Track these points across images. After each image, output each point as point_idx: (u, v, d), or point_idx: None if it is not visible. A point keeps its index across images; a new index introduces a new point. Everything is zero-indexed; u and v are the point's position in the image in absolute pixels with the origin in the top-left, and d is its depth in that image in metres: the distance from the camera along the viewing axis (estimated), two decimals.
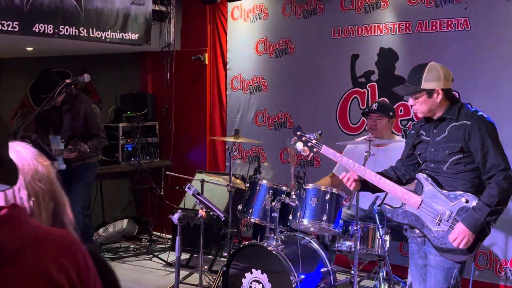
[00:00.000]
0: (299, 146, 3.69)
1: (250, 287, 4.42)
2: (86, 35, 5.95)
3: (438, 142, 3.36)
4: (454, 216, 3.28)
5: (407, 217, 3.43)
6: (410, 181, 3.60)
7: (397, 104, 5.45)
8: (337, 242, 4.52)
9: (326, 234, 4.62)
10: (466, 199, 3.26)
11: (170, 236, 6.83)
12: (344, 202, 4.49)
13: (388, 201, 3.64)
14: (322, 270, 4.47)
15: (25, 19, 5.40)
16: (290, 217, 4.49)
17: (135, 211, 7.43)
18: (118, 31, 6.25)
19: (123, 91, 7.40)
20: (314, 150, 3.65)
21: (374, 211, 4.35)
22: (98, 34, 6.06)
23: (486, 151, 3.22)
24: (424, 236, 3.39)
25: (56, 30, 5.64)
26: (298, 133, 3.70)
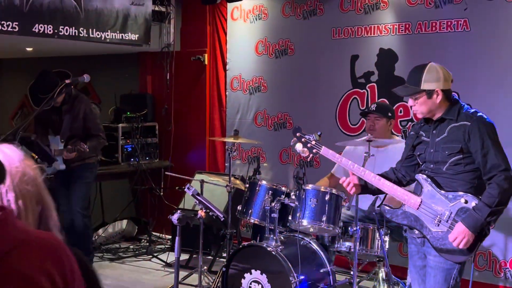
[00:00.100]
0: (299, 147, 3.69)
1: None
2: (86, 36, 5.95)
3: (438, 143, 3.36)
4: (453, 216, 3.28)
5: (407, 217, 3.43)
6: (411, 182, 3.59)
7: (396, 104, 5.45)
8: (336, 242, 4.52)
9: (325, 234, 4.62)
10: (465, 200, 3.26)
11: (170, 236, 6.83)
12: (343, 203, 4.49)
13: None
14: (321, 270, 4.47)
15: (24, 20, 5.40)
16: (290, 217, 4.49)
17: (135, 212, 7.43)
18: (118, 32, 6.25)
19: (123, 92, 7.40)
20: (314, 151, 3.65)
21: (372, 213, 4.35)
22: (98, 34, 6.06)
23: (486, 152, 3.22)
24: (423, 236, 3.39)
25: (55, 31, 5.64)
26: (298, 134, 3.70)
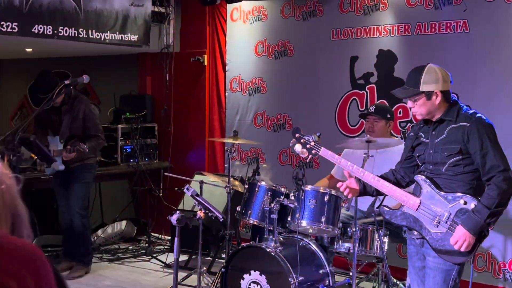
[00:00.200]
0: (298, 148, 3.69)
1: None
2: (85, 36, 5.95)
3: (437, 144, 3.36)
4: (452, 217, 3.27)
5: (406, 218, 3.43)
6: (410, 183, 3.59)
7: (396, 106, 5.46)
8: (335, 243, 4.52)
9: (324, 235, 4.62)
10: (465, 201, 3.26)
11: (169, 237, 6.83)
12: (343, 204, 4.49)
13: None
14: (320, 271, 4.47)
15: (24, 20, 5.40)
16: (289, 218, 4.49)
17: (134, 213, 7.43)
18: (117, 33, 6.25)
19: (122, 93, 7.40)
20: (313, 152, 3.65)
21: (372, 214, 4.35)
22: (97, 35, 6.06)
23: (485, 153, 3.22)
24: (422, 237, 3.38)
25: (55, 31, 5.64)
26: (297, 135, 3.70)
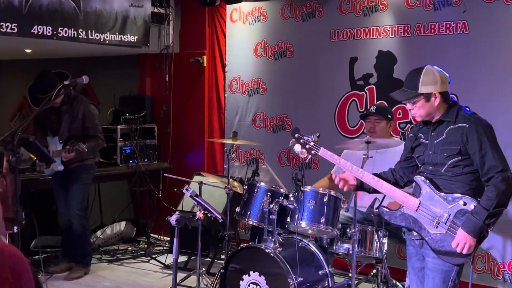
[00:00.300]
0: (297, 148, 3.69)
1: None
2: (85, 37, 5.95)
3: (437, 145, 3.36)
4: (452, 218, 3.27)
5: (405, 219, 3.42)
6: (409, 183, 3.59)
7: (395, 107, 5.46)
8: (335, 244, 4.52)
9: (324, 236, 4.62)
10: (464, 202, 3.26)
11: (168, 238, 6.83)
12: (342, 205, 4.48)
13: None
14: (320, 272, 4.46)
15: (23, 21, 5.40)
16: (288, 219, 4.48)
17: (133, 213, 7.43)
18: (117, 33, 6.25)
19: (122, 93, 7.40)
20: (312, 152, 3.65)
21: (371, 215, 4.34)
22: (97, 36, 6.06)
23: (484, 153, 3.22)
24: (422, 238, 3.38)
25: (54, 32, 5.64)
26: (296, 135, 3.70)
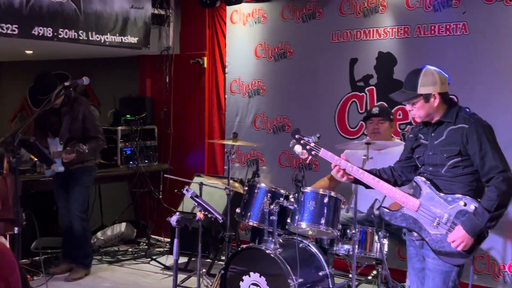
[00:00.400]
0: (298, 149, 3.69)
1: None
2: (85, 39, 5.96)
3: (436, 146, 3.36)
4: (452, 219, 3.28)
5: (405, 220, 3.43)
6: (406, 182, 3.61)
7: (395, 108, 5.46)
8: (335, 245, 4.52)
9: (324, 237, 4.62)
10: (464, 202, 3.26)
11: (169, 239, 6.83)
12: (342, 206, 4.48)
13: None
14: (320, 273, 4.46)
15: (24, 22, 5.41)
16: (288, 220, 4.48)
17: (134, 215, 7.43)
18: (117, 35, 6.26)
19: (122, 95, 7.41)
20: (313, 153, 3.65)
21: (371, 216, 4.34)
22: (97, 37, 6.07)
23: (484, 154, 3.22)
24: (422, 239, 3.39)
25: (55, 33, 5.65)
26: (297, 136, 3.70)
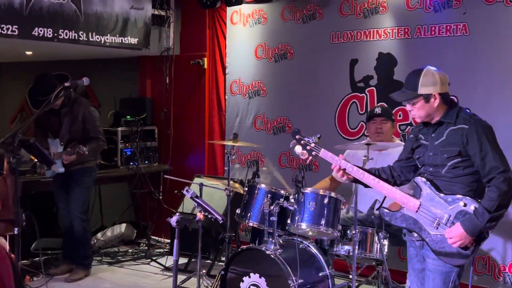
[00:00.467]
0: (298, 149, 3.69)
1: None
2: (86, 39, 5.96)
3: (437, 146, 3.36)
4: (452, 219, 3.28)
5: (406, 220, 3.43)
6: (405, 182, 3.61)
7: (396, 108, 5.46)
8: (335, 246, 4.52)
9: (324, 238, 4.61)
10: (465, 203, 3.26)
11: (169, 240, 6.82)
12: (342, 206, 4.48)
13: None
14: (320, 274, 4.45)
15: (24, 23, 5.41)
16: (289, 221, 4.48)
17: (134, 216, 7.42)
18: (118, 36, 6.26)
19: (122, 95, 7.41)
20: (313, 153, 3.65)
21: (371, 216, 4.34)
22: (98, 38, 6.07)
23: (484, 154, 3.22)
24: (422, 239, 3.39)
25: (55, 34, 5.65)
26: (297, 136, 3.70)
